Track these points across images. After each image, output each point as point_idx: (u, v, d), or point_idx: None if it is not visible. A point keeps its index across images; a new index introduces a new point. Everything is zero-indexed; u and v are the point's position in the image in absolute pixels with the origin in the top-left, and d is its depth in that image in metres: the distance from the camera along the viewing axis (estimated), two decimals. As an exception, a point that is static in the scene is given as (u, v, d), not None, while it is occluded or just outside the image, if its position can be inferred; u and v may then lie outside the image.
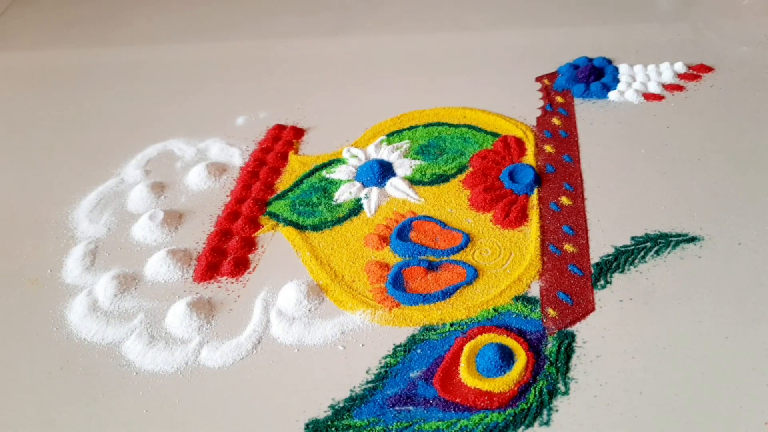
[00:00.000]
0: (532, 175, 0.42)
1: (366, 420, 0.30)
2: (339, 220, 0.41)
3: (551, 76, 0.52)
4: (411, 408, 0.31)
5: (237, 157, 0.47)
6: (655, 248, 0.37)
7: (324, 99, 0.53)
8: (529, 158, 0.44)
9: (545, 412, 0.30)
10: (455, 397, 0.31)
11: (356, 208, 0.42)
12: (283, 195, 0.44)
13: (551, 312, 0.34)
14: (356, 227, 0.41)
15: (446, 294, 0.36)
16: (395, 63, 0.57)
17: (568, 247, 0.38)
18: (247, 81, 0.56)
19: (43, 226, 0.43)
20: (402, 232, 0.40)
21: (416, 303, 0.35)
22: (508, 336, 0.33)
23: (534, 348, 0.33)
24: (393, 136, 0.48)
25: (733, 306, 0.34)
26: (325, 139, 0.48)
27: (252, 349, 0.34)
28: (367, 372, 0.32)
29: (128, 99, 0.54)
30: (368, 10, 0.65)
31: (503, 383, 0.31)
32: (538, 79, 0.52)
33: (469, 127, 0.48)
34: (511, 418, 0.30)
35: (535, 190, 0.42)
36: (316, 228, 0.41)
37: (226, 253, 0.40)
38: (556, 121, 0.48)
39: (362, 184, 0.44)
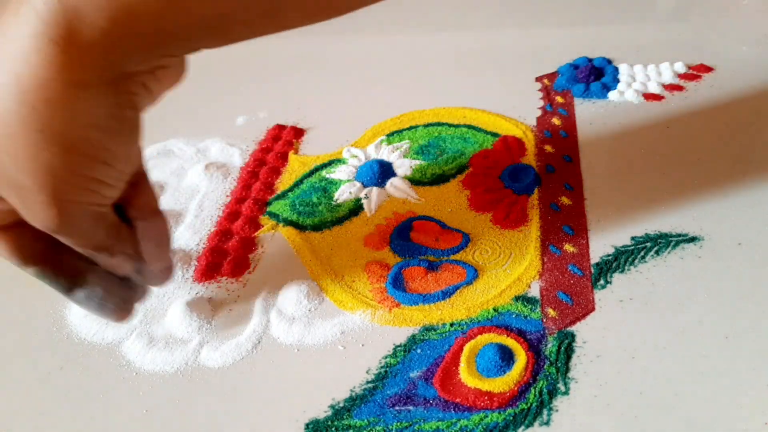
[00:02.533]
0: (532, 175, 0.42)
1: (366, 420, 0.30)
2: (339, 220, 0.41)
3: (551, 76, 0.52)
4: (411, 408, 0.31)
5: (237, 157, 0.47)
6: (655, 248, 0.37)
7: (324, 99, 0.53)
8: (529, 158, 0.44)
9: (545, 412, 0.30)
10: (455, 397, 0.31)
11: (356, 208, 0.42)
12: (283, 195, 0.44)
13: (551, 312, 0.34)
14: (356, 227, 0.41)
15: (446, 294, 0.36)
16: (395, 63, 0.57)
17: (568, 247, 0.38)
18: (247, 81, 0.56)
19: (43, 226, 0.43)
20: (402, 232, 0.40)
21: (416, 303, 0.35)
22: (508, 336, 0.33)
23: (534, 348, 0.33)
24: (393, 136, 0.48)
25: (733, 306, 0.34)
26: (325, 139, 0.48)
27: (252, 349, 0.34)
28: (367, 372, 0.32)
29: (128, 99, 0.54)
30: (368, 10, 0.65)
31: (503, 383, 0.31)
32: (538, 79, 0.52)
33: (469, 127, 0.48)
34: (511, 418, 0.30)
35: (535, 190, 0.42)
36: (316, 228, 0.41)
37: (226, 253, 0.40)
38: (556, 121, 0.48)
39: (362, 184, 0.44)
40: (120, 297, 0.31)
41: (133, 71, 0.25)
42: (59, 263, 0.29)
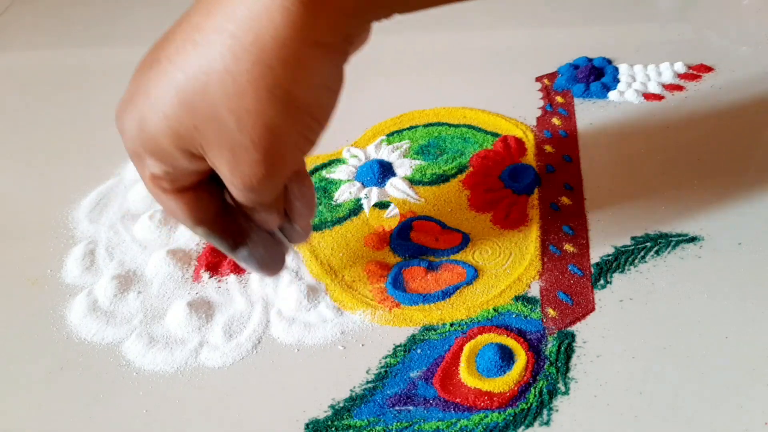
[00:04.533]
0: (532, 175, 0.42)
1: (366, 420, 0.30)
2: (339, 220, 0.41)
3: (551, 76, 0.52)
4: (411, 408, 0.31)
5: (237, 157, 0.47)
6: (656, 248, 0.37)
7: (324, 99, 0.53)
8: (529, 158, 0.44)
9: (545, 412, 0.30)
10: (455, 397, 0.31)
11: (356, 208, 0.42)
12: (283, 195, 0.44)
13: (551, 312, 0.34)
14: (356, 227, 0.41)
15: (446, 294, 0.36)
16: (395, 63, 0.57)
17: (568, 247, 0.38)
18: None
19: (43, 226, 0.43)
20: (402, 232, 0.40)
21: (416, 303, 0.35)
22: (508, 336, 0.33)
23: (534, 348, 0.33)
24: (393, 136, 0.48)
25: (733, 306, 0.34)
26: (325, 139, 0.48)
27: (252, 349, 0.34)
28: (367, 372, 0.32)
29: (128, 99, 0.54)
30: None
31: (503, 383, 0.31)
32: (538, 79, 0.52)
33: (469, 127, 0.48)
34: (511, 418, 0.30)
35: (535, 190, 0.42)
36: (316, 228, 0.41)
37: (226, 253, 0.40)
38: (556, 121, 0.48)
39: (362, 184, 0.44)
40: (275, 253, 0.33)
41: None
42: (227, 224, 0.30)
